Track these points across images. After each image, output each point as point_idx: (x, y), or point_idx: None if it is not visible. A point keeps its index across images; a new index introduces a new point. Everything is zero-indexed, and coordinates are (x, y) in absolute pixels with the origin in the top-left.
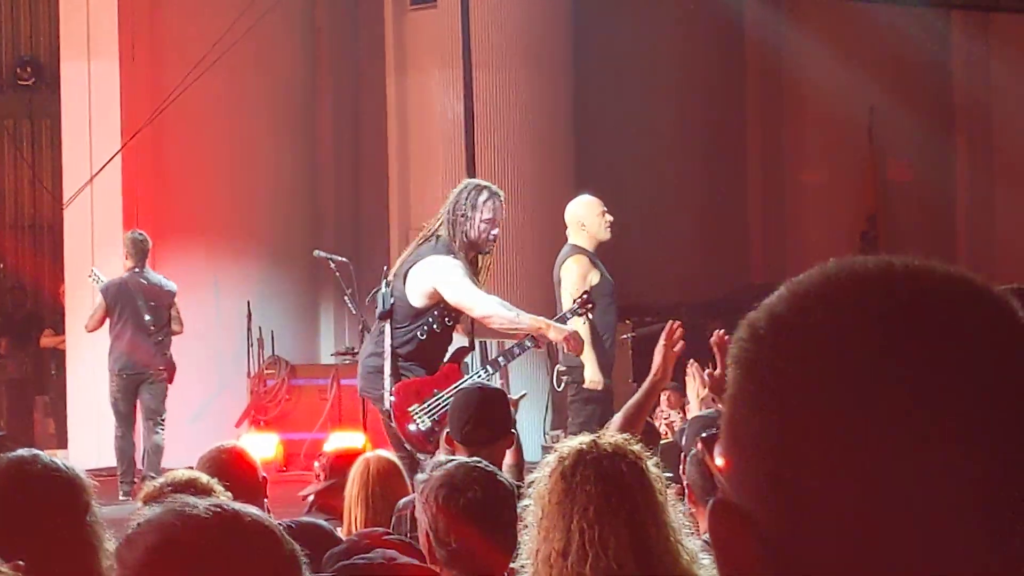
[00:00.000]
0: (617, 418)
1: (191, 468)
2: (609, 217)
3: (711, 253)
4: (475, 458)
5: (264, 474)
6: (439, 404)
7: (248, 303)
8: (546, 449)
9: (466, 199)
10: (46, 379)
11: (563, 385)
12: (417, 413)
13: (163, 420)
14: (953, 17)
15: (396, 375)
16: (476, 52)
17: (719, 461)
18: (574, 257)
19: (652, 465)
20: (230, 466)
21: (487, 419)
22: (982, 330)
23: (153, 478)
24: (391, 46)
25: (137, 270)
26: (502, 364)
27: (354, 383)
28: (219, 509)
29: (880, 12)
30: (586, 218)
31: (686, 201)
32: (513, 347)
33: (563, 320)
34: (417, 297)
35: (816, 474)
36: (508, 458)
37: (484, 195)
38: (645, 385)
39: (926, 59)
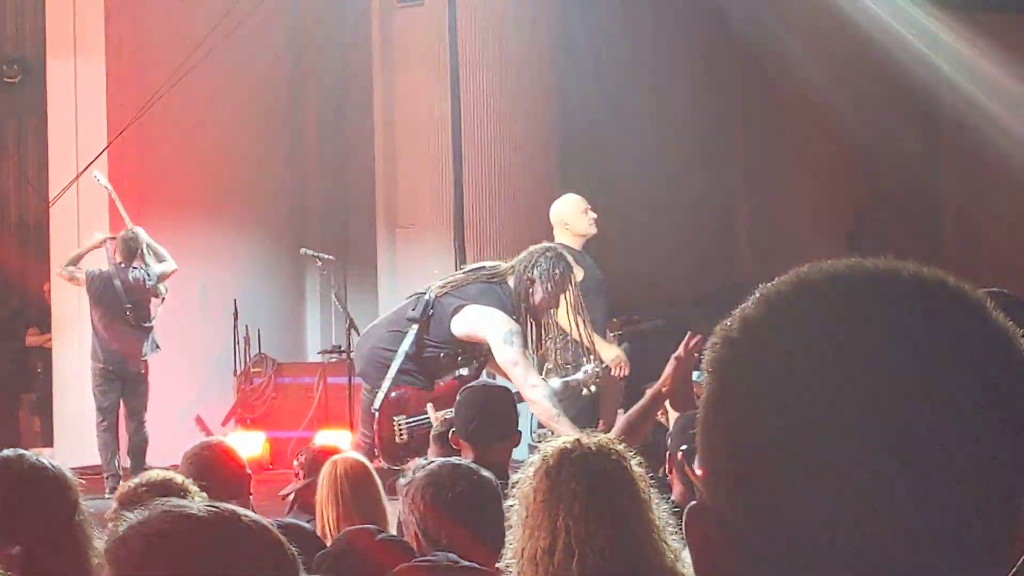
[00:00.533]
0: (619, 424)
1: (174, 467)
2: (592, 214)
3: (697, 251)
4: (456, 458)
5: (249, 471)
6: (423, 422)
7: (235, 301)
8: (533, 448)
9: (545, 264)
10: (31, 378)
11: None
12: (400, 424)
13: (145, 419)
14: (940, 17)
15: (399, 379)
16: (462, 50)
17: (698, 470)
18: None
19: (635, 464)
20: (214, 463)
21: (494, 417)
22: (948, 335)
23: None
24: (377, 44)
25: (123, 265)
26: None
27: (341, 381)
28: (216, 509)
29: (866, 11)
30: (569, 216)
31: (672, 199)
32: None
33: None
34: (461, 331)
35: (776, 474)
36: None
37: (561, 267)
38: (649, 394)
39: (912, 58)
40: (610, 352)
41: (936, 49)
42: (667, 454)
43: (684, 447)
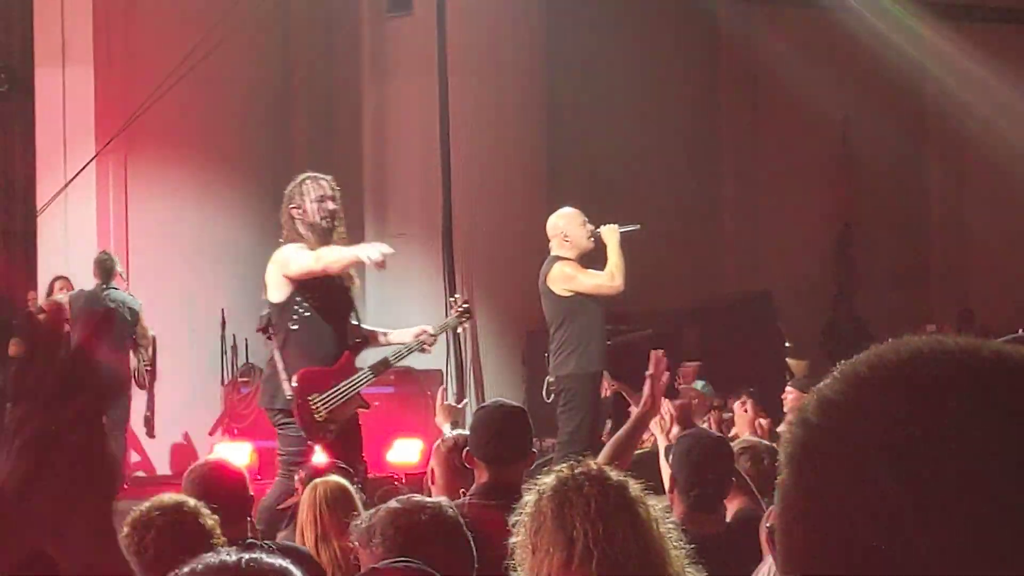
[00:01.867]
0: (605, 450)
1: (166, 479)
2: (590, 227)
3: (686, 261)
4: (416, 497)
5: (251, 492)
6: (336, 396)
7: (222, 311)
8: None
9: (290, 194)
10: None
11: (552, 396)
12: (316, 402)
13: (124, 431)
14: (926, 26)
15: (295, 364)
16: (452, 60)
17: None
18: (561, 263)
19: (634, 484)
20: (219, 485)
21: (510, 436)
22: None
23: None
24: (367, 54)
25: (103, 287)
26: (392, 364)
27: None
28: (254, 564)
29: (854, 21)
30: (568, 229)
31: (660, 208)
32: (401, 349)
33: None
34: (273, 292)
35: (852, 556)
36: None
37: (306, 182)
38: (633, 418)
39: (899, 68)
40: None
41: (925, 59)
42: (671, 474)
43: (769, 524)
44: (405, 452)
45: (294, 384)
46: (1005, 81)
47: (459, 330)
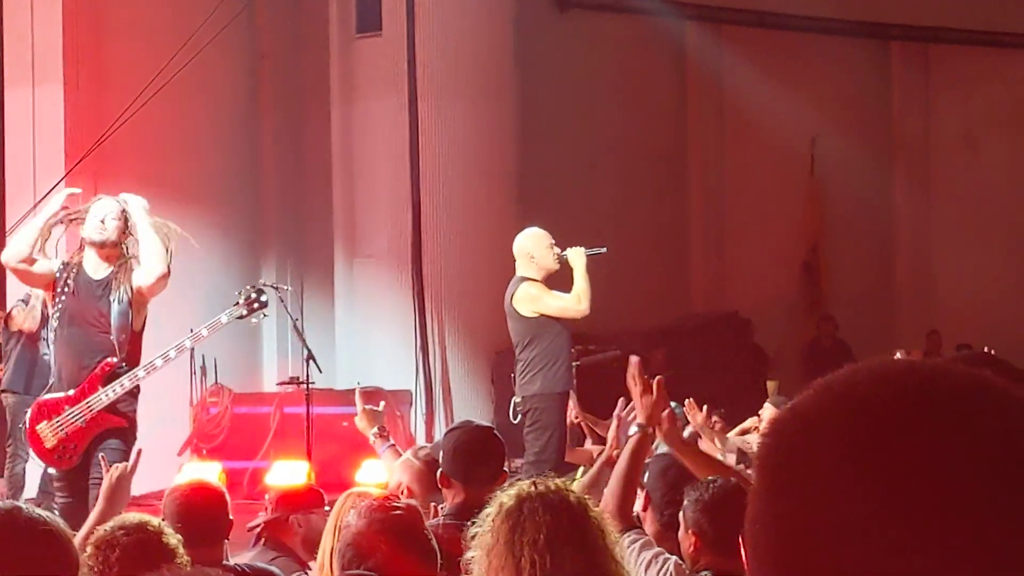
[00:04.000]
0: (607, 498)
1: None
2: (557, 249)
3: (653, 282)
4: (398, 510)
5: (231, 516)
6: (66, 421)
7: (191, 329)
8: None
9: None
10: None
11: (519, 416)
12: (44, 431)
13: None
14: (892, 49)
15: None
16: (421, 80)
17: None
18: (527, 284)
19: (593, 505)
20: (196, 508)
21: (484, 457)
22: (987, 435)
23: None
24: (336, 74)
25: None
26: (189, 346)
27: (298, 411)
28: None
29: (821, 43)
30: (535, 250)
31: (628, 230)
32: (200, 329)
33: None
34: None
35: (815, 564)
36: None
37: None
38: (599, 462)
39: (866, 90)
40: None
41: (888, 80)
42: (645, 492)
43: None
44: (374, 472)
45: (26, 420)
46: (968, 104)
47: (253, 320)
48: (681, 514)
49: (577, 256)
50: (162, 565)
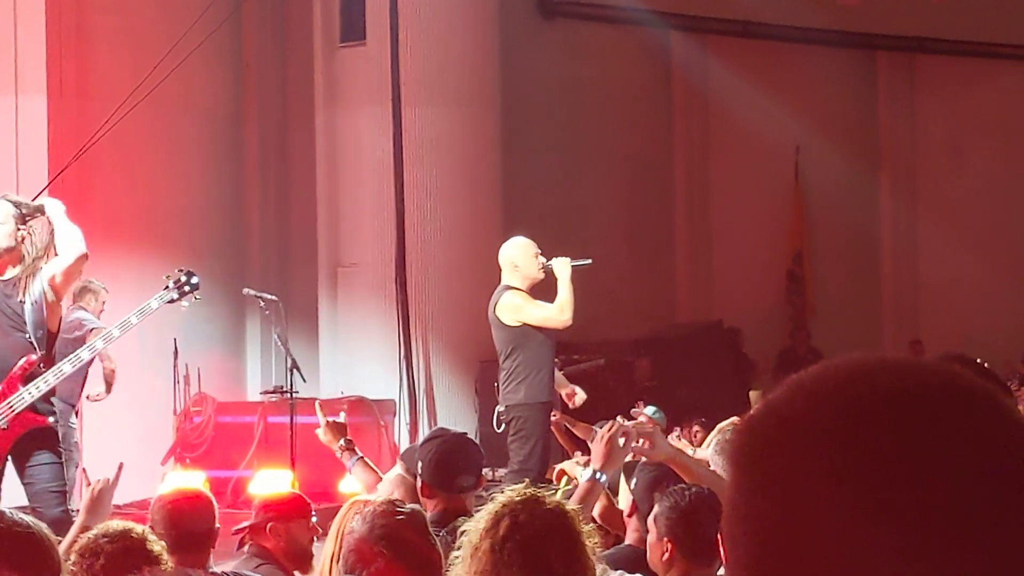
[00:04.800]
0: None
1: (127, 508)
2: (542, 259)
3: (637, 291)
4: (402, 514)
5: (218, 525)
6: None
7: (175, 340)
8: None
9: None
10: None
11: (503, 426)
12: None
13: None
14: (878, 58)
15: None
16: (405, 89)
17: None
18: (511, 292)
19: (587, 531)
20: (183, 515)
21: (473, 465)
22: (958, 430)
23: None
24: (320, 83)
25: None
26: (117, 335)
27: (281, 420)
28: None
29: (806, 53)
30: (519, 259)
31: (613, 239)
32: (129, 317)
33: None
34: None
35: (791, 562)
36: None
37: None
38: (581, 489)
39: (852, 100)
40: None
41: (874, 89)
42: (632, 500)
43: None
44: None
45: None
46: (954, 114)
47: (184, 304)
48: (652, 520)
49: (562, 266)
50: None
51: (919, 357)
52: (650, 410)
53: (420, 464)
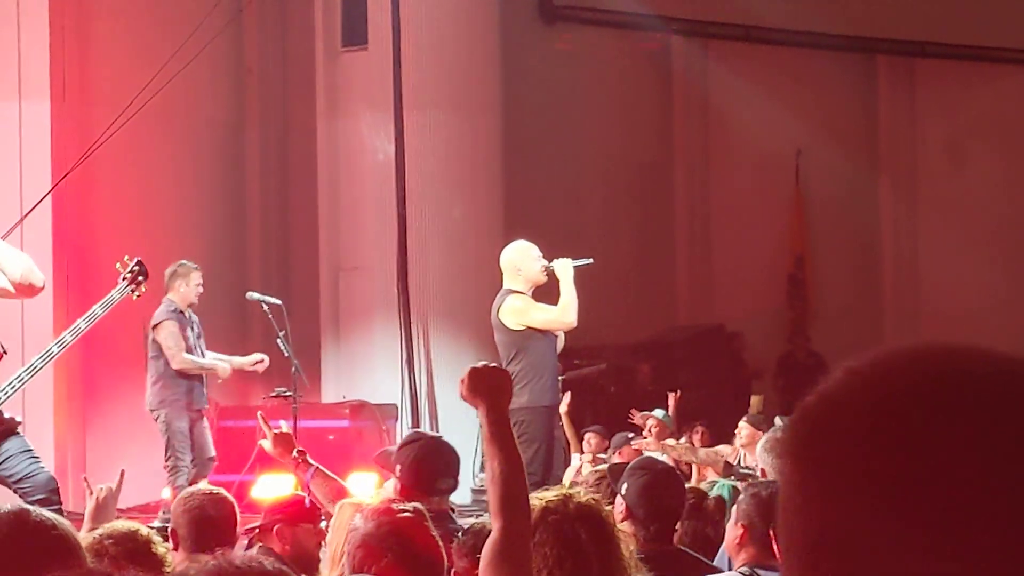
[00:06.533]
0: None
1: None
2: (544, 261)
3: (638, 294)
4: (406, 511)
5: (240, 531)
6: None
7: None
8: (476, 492)
9: None
10: None
11: None
12: None
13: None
14: (879, 63)
15: None
16: (407, 94)
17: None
18: (513, 296)
19: (619, 528)
20: (208, 516)
21: (452, 469)
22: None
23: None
24: (322, 87)
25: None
26: (84, 328)
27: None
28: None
29: (807, 57)
30: (521, 262)
31: (614, 243)
32: (95, 308)
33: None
34: None
35: (843, 552)
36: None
37: None
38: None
39: (852, 104)
40: None
41: (874, 93)
42: (625, 505)
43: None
44: (361, 486)
45: None
46: (955, 118)
47: (135, 296)
48: (735, 507)
49: (564, 268)
50: (150, 574)
51: (984, 346)
52: (659, 413)
53: (398, 468)
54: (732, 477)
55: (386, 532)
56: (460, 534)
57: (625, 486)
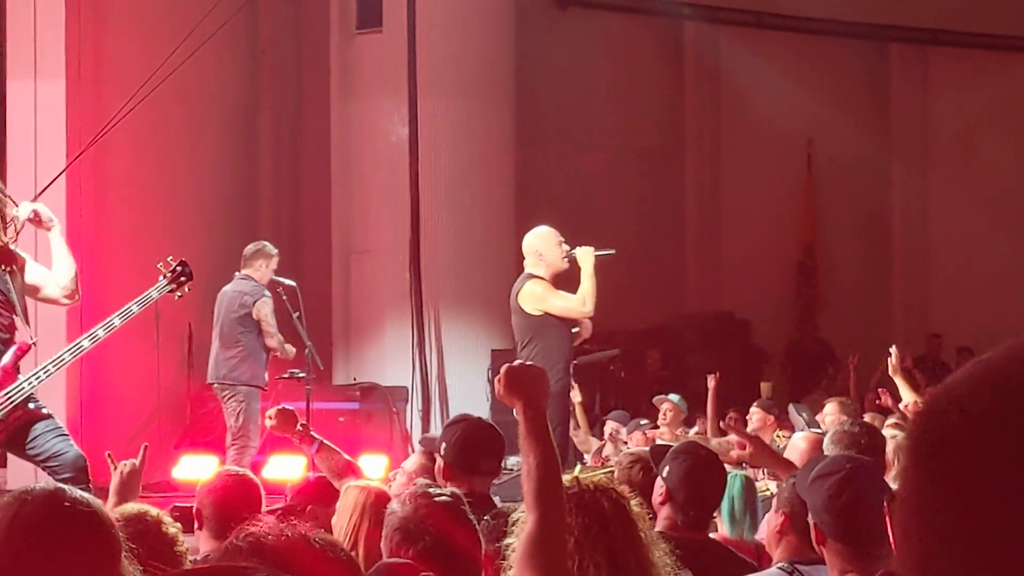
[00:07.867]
0: None
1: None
2: (566, 247)
3: (648, 281)
4: (443, 496)
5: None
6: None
7: (189, 324)
8: None
9: None
10: None
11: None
12: None
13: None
14: (891, 50)
15: None
16: (421, 77)
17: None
18: (533, 281)
19: (635, 504)
20: (233, 499)
21: (496, 450)
22: None
23: None
24: (336, 70)
25: (238, 275)
26: (118, 324)
27: (296, 406)
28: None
29: (819, 44)
30: (544, 248)
31: (624, 228)
32: (131, 306)
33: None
34: None
35: (965, 557)
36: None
37: None
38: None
39: (864, 91)
40: None
41: (887, 81)
42: (665, 488)
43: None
44: (371, 468)
45: None
46: (966, 105)
47: (178, 295)
48: (776, 496)
49: (586, 256)
50: (161, 556)
51: None
52: (675, 398)
53: (443, 446)
54: (744, 466)
55: (423, 516)
56: (487, 517)
57: (667, 469)
